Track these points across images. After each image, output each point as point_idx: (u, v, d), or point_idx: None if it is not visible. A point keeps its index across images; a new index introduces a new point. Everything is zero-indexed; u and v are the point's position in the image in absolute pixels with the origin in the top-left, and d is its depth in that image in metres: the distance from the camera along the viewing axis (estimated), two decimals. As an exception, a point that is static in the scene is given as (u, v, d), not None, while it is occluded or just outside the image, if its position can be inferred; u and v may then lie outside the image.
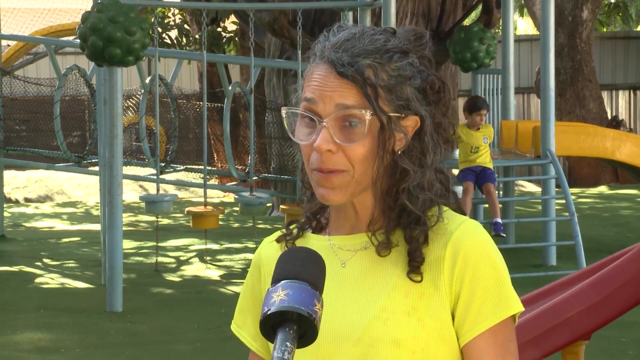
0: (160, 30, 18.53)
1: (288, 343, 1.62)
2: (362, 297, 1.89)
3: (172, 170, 12.87)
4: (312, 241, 1.98)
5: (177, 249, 12.90)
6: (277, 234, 2.04)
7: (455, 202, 1.96)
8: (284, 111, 1.92)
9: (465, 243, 1.88)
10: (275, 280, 1.69)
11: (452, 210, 1.95)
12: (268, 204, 13.02)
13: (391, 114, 1.87)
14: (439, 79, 1.93)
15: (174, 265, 11.79)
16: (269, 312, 1.65)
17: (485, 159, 10.36)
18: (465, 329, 1.87)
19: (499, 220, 10.44)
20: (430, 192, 1.90)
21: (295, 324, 1.64)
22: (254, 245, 12.45)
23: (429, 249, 1.89)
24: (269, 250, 2.03)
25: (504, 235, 10.75)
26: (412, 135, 1.90)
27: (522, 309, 1.90)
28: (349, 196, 1.89)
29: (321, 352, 1.86)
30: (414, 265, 1.87)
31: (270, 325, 1.66)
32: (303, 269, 1.69)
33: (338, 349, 1.87)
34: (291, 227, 2.02)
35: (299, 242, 1.99)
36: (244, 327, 2.04)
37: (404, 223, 1.90)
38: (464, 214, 1.96)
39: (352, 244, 1.93)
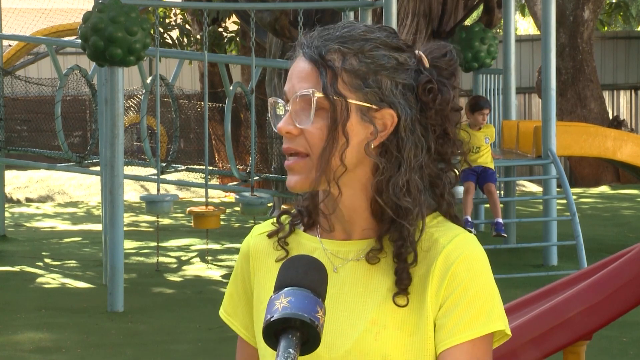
0: (161, 30, 18.53)
1: (291, 350, 1.63)
2: (353, 307, 1.87)
3: (173, 170, 12.87)
4: (304, 241, 1.96)
5: (178, 249, 12.90)
6: (268, 224, 2.02)
7: (448, 209, 1.92)
8: (270, 101, 1.92)
9: (456, 258, 1.85)
10: (278, 288, 1.69)
11: (447, 218, 1.92)
12: (269, 204, 13.02)
13: (353, 101, 1.85)
14: (442, 83, 1.89)
15: (175, 265, 11.80)
16: (272, 319, 1.65)
17: (486, 159, 10.36)
18: (442, 337, 1.84)
19: (500, 220, 10.44)
20: (412, 198, 1.85)
21: (298, 331, 1.65)
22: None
23: (419, 264, 1.86)
24: (259, 243, 2.01)
25: (505, 235, 10.74)
26: (390, 131, 1.86)
27: (505, 327, 1.86)
28: (311, 183, 1.87)
29: (312, 358, 1.83)
30: (401, 287, 1.85)
31: (273, 332, 1.66)
32: (305, 277, 1.69)
33: (329, 357, 1.86)
34: (283, 219, 1.99)
35: (291, 240, 1.97)
36: (235, 316, 2.02)
37: (393, 235, 1.86)
38: (457, 218, 1.93)
39: (344, 251, 1.91)
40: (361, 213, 1.90)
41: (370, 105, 1.85)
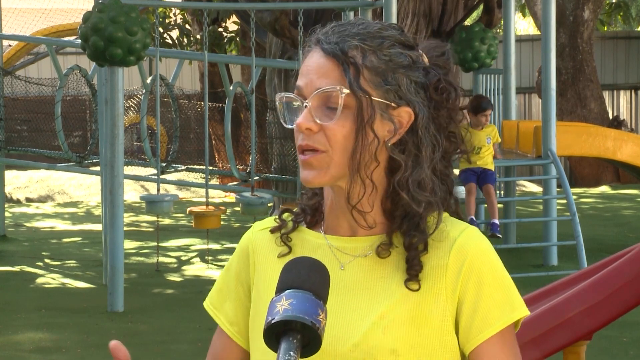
0: (161, 30, 18.53)
1: (292, 352, 1.63)
2: (361, 303, 1.87)
3: (173, 170, 12.88)
4: (308, 237, 1.95)
5: (179, 249, 12.90)
6: (270, 221, 2.01)
7: (455, 206, 1.94)
8: (278, 97, 1.91)
9: (469, 250, 1.87)
10: (280, 290, 1.69)
11: (451, 215, 1.93)
12: (269, 204, 13.02)
13: (376, 98, 1.84)
14: (449, 83, 1.90)
15: (175, 265, 11.80)
16: (272, 322, 1.65)
17: (487, 160, 10.35)
18: (472, 334, 1.86)
19: (497, 221, 10.49)
20: (430, 193, 1.87)
21: (299, 334, 1.64)
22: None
23: (430, 256, 1.87)
24: (261, 239, 2.00)
25: (500, 236, 10.77)
26: (406, 129, 1.87)
27: (528, 312, 1.89)
28: (329, 178, 1.86)
29: (319, 356, 1.82)
30: (412, 274, 1.85)
31: (273, 334, 1.66)
32: (307, 279, 1.69)
33: (335, 353, 1.85)
34: (285, 216, 1.99)
35: (294, 236, 1.96)
36: (221, 310, 2.02)
37: (404, 228, 1.87)
38: (461, 218, 1.94)
39: (352, 247, 1.91)
40: (370, 208, 1.90)
41: (389, 103, 1.86)
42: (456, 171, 10.68)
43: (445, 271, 1.86)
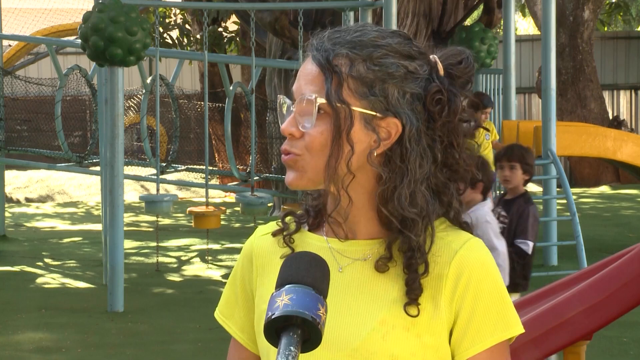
0: (161, 30, 18.53)
1: (292, 347, 1.62)
2: (360, 307, 1.86)
3: (173, 170, 12.88)
4: (309, 240, 1.95)
5: (179, 249, 12.90)
6: (272, 225, 2.00)
7: (457, 215, 1.91)
8: (279, 99, 1.92)
9: (470, 262, 1.85)
10: (280, 285, 1.68)
11: (453, 224, 1.91)
12: (269, 204, 13.02)
13: (357, 109, 1.83)
14: (452, 93, 1.87)
15: (175, 265, 11.79)
16: (273, 317, 1.65)
17: (487, 159, 10.36)
18: (463, 347, 1.85)
19: None
20: (418, 209, 1.84)
21: (299, 329, 1.64)
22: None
23: (430, 266, 1.85)
24: (263, 243, 1.99)
25: None
26: (394, 140, 1.84)
27: (522, 330, 1.88)
28: (306, 182, 1.86)
29: (318, 357, 1.83)
30: (412, 297, 1.84)
31: (274, 329, 1.65)
32: (307, 274, 1.68)
33: (332, 358, 1.85)
34: (287, 220, 1.98)
35: (296, 238, 1.96)
36: (231, 318, 2.02)
37: (401, 245, 1.85)
38: (466, 225, 1.92)
39: (351, 250, 1.90)
40: (366, 213, 1.89)
41: (374, 114, 1.84)
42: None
43: (445, 282, 1.85)
